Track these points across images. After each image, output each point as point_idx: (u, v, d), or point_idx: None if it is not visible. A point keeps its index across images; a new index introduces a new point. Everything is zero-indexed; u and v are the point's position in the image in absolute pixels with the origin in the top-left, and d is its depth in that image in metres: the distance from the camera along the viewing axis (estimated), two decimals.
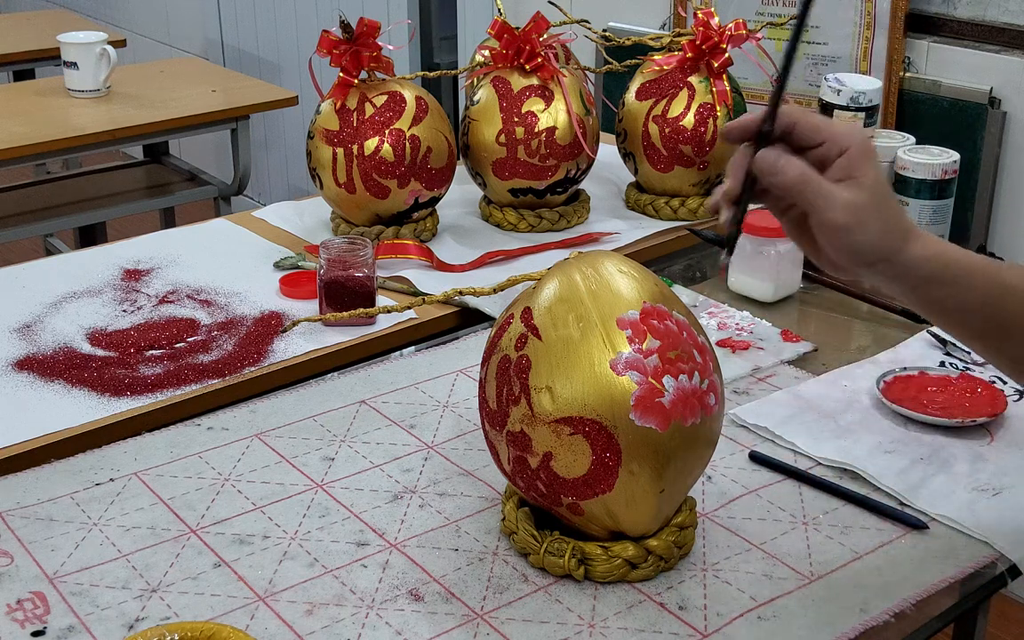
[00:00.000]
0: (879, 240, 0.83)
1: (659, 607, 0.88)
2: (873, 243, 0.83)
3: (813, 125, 0.84)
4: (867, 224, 0.82)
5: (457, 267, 1.48)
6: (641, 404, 0.84)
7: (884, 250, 0.83)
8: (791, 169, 0.82)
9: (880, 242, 0.83)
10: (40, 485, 1.02)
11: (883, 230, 0.83)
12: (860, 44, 2.26)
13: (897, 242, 0.83)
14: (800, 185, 0.82)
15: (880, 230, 0.82)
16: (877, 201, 0.82)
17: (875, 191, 0.83)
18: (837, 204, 0.82)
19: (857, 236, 0.82)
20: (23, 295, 1.40)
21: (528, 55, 1.56)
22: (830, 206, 0.82)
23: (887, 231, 0.83)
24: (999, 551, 0.95)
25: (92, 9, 4.81)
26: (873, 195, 0.82)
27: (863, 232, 0.82)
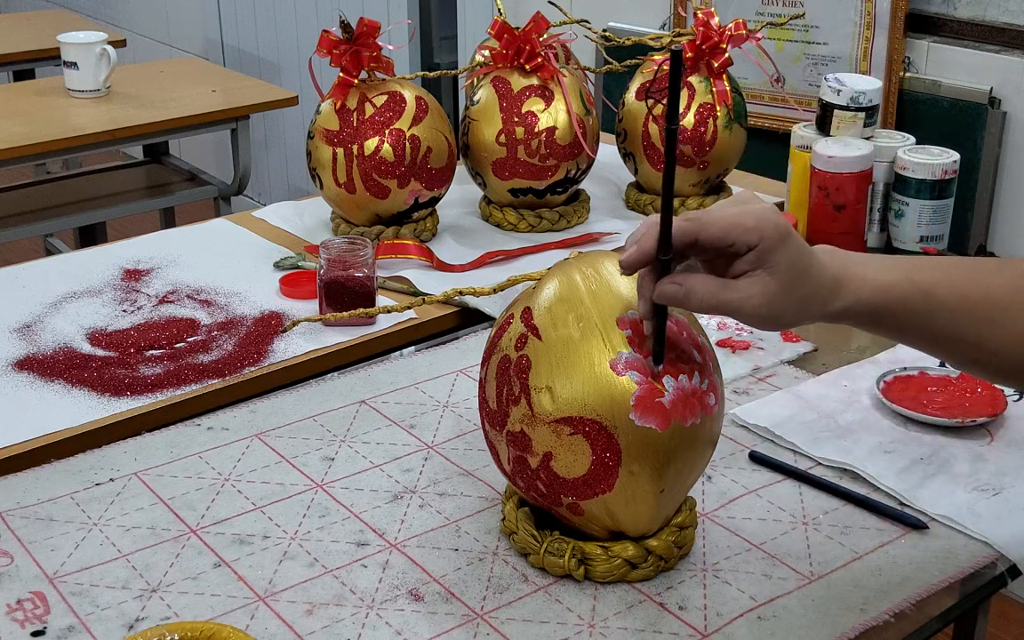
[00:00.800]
0: (800, 315, 0.85)
1: (659, 607, 0.88)
2: (796, 318, 0.85)
3: (717, 234, 0.82)
4: (783, 308, 0.83)
5: (457, 267, 1.48)
6: (641, 404, 0.84)
7: (809, 318, 0.86)
8: (695, 298, 0.82)
9: (802, 315, 0.85)
10: (40, 485, 1.02)
11: (801, 306, 0.84)
12: (860, 44, 2.26)
13: (818, 307, 0.85)
14: (711, 309, 0.83)
15: (797, 307, 0.84)
16: (789, 283, 0.83)
17: (786, 274, 0.82)
18: (748, 307, 0.82)
19: (779, 321, 0.85)
20: (23, 295, 1.40)
21: (528, 55, 1.56)
22: (744, 311, 0.83)
23: (805, 304, 0.84)
24: (999, 551, 0.95)
25: (92, 9, 4.81)
26: (783, 279, 0.82)
27: (782, 316, 0.84)
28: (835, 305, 0.86)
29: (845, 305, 0.86)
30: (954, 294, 0.87)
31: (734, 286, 0.83)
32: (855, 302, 0.86)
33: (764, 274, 0.82)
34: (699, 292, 0.82)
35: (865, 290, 0.86)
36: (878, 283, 0.86)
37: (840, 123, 1.57)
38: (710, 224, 0.82)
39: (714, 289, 0.82)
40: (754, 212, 0.82)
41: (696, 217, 0.82)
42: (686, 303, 0.83)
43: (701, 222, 0.82)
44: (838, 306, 0.86)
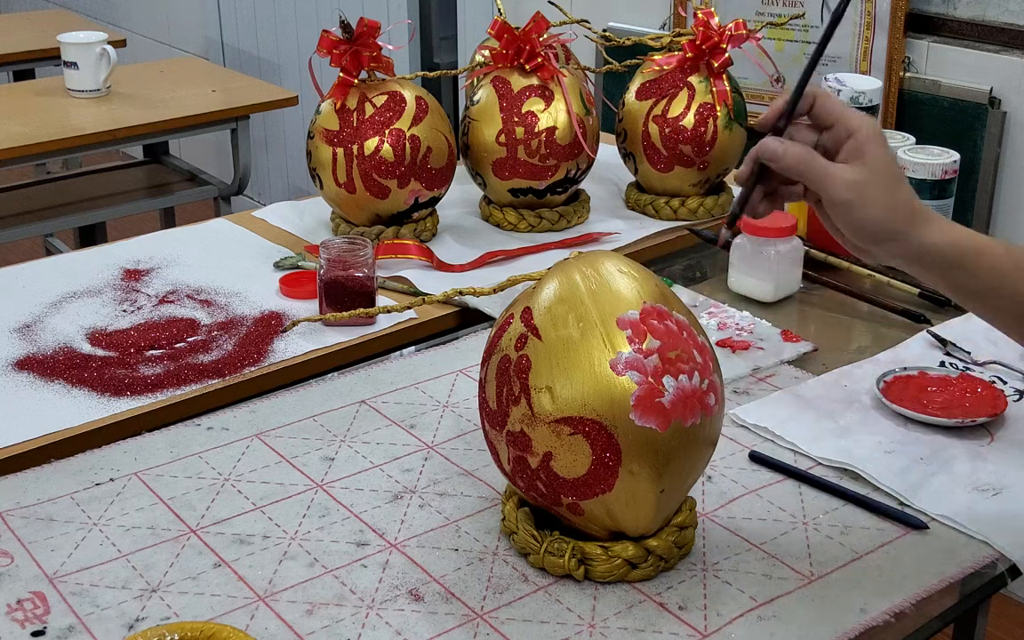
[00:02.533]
0: (883, 217, 0.85)
1: (659, 607, 0.88)
2: (877, 219, 0.85)
3: (827, 107, 0.87)
4: (870, 201, 0.84)
5: (457, 267, 1.48)
6: (641, 404, 0.84)
7: (890, 229, 0.85)
8: (791, 154, 0.86)
9: (884, 220, 0.85)
10: (40, 485, 1.02)
11: (887, 207, 0.85)
12: (860, 44, 2.26)
13: (903, 223, 0.85)
14: (800, 166, 0.86)
15: (884, 207, 0.84)
16: (881, 180, 0.84)
17: (880, 171, 0.85)
18: (838, 182, 0.85)
19: (859, 213, 0.85)
20: (23, 295, 1.40)
21: (528, 55, 1.56)
22: (831, 184, 0.85)
23: (892, 209, 0.85)
24: (999, 551, 0.95)
25: (92, 9, 4.81)
26: (877, 174, 0.84)
27: (865, 209, 0.84)
28: (921, 233, 0.86)
29: (933, 239, 0.86)
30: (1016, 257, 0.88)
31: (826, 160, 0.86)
32: (943, 240, 0.86)
33: (858, 163, 0.85)
34: (797, 148, 0.86)
35: (954, 232, 0.86)
36: (967, 232, 0.87)
37: None
38: (828, 96, 0.87)
39: (810, 153, 0.86)
40: (855, 111, 0.87)
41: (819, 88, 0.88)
42: (783, 157, 0.86)
43: (825, 91, 0.87)
44: (925, 236, 0.86)
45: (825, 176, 0.85)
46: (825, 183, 0.85)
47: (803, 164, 0.86)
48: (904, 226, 0.86)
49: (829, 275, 1.47)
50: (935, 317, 1.35)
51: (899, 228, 0.86)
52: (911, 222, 0.86)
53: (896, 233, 0.86)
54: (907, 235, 0.86)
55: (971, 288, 0.89)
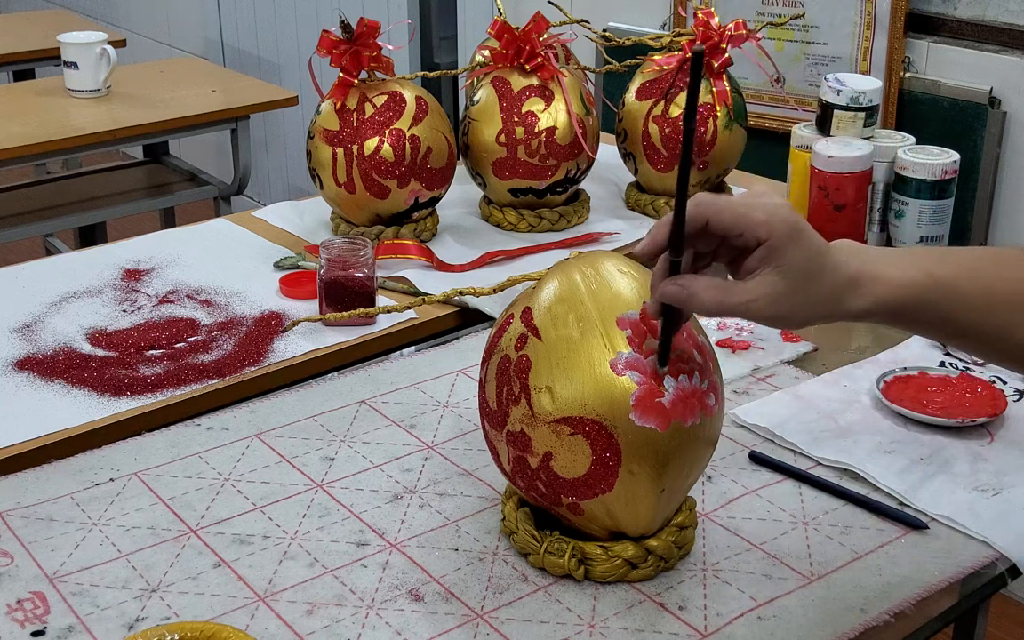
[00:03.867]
0: (812, 315, 0.83)
1: (659, 607, 0.88)
2: (807, 318, 0.83)
3: (728, 221, 0.81)
4: (792, 309, 0.82)
5: (457, 267, 1.48)
6: (641, 404, 0.84)
7: (822, 318, 0.84)
8: (697, 301, 0.81)
9: (814, 315, 0.83)
10: (40, 485, 1.02)
11: (812, 307, 0.82)
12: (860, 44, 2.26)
13: (832, 307, 0.83)
14: (716, 311, 0.82)
15: (808, 308, 0.82)
16: (799, 283, 0.81)
17: (796, 276, 0.81)
18: (754, 309, 0.81)
19: (788, 322, 0.83)
20: (23, 295, 1.40)
21: (528, 55, 1.56)
22: (750, 313, 0.81)
23: (817, 306, 0.82)
24: (999, 551, 0.95)
25: (92, 9, 4.81)
26: (793, 279, 0.81)
27: (792, 317, 0.82)
28: (852, 306, 0.83)
29: (863, 306, 0.84)
30: (977, 287, 0.85)
31: (739, 288, 0.81)
32: (873, 304, 0.84)
33: (772, 273, 0.80)
34: (702, 295, 0.80)
35: (885, 290, 0.84)
36: (899, 281, 0.84)
37: (840, 123, 1.57)
38: (721, 211, 0.80)
39: (718, 293, 0.81)
40: (765, 206, 0.80)
41: (710, 201, 0.81)
42: (689, 305, 0.81)
43: (714, 207, 0.80)
44: (856, 307, 0.84)
45: (740, 309, 0.81)
46: (741, 314, 0.82)
47: (717, 306, 0.81)
48: (832, 309, 0.83)
49: None
50: None
51: (828, 313, 0.83)
52: (837, 303, 0.83)
53: (827, 318, 0.84)
54: (837, 315, 0.84)
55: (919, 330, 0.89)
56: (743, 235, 0.80)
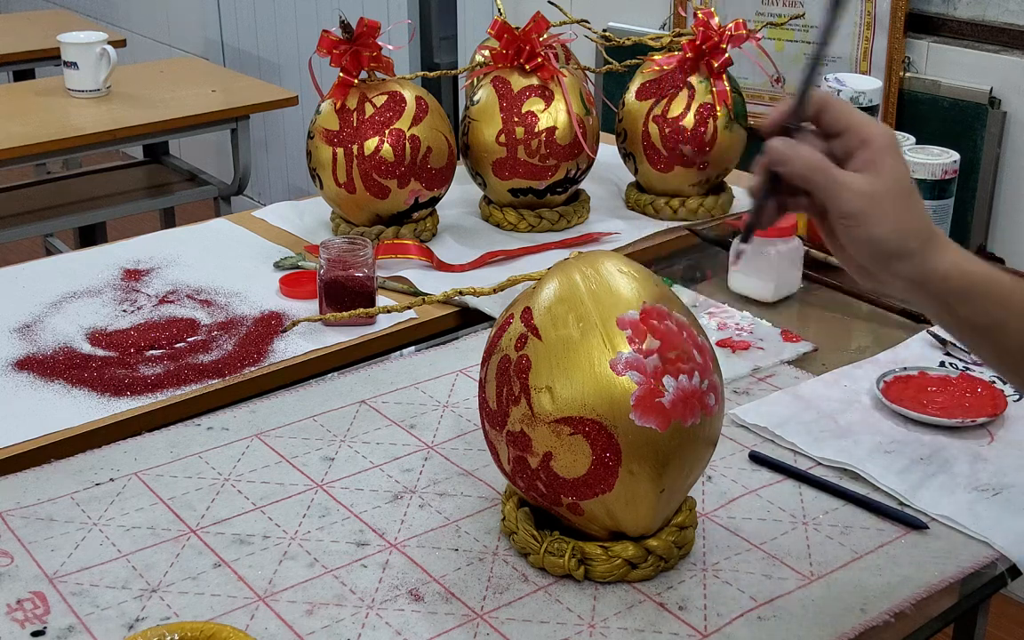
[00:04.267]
0: (895, 234, 0.79)
1: (659, 607, 0.88)
2: (888, 236, 0.79)
3: (838, 113, 0.81)
4: (882, 215, 0.78)
5: (457, 267, 1.48)
6: (641, 404, 0.84)
7: (901, 248, 0.79)
8: (800, 158, 0.80)
9: (897, 236, 0.79)
10: (40, 485, 1.02)
11: (900, 224, 0.79)
12: (860, 44, 2.26)
13: (916, 242, 0.79)
14: (809, 172, 0.80)
15: (897, 223, 0.79)
16: (896, 194, 0.79)
17: (895, 185, 0.79)
18: (849, 191, 0.79)
19: (872, 227, 0.79)
20: (23, 295, 1.40)
21: (528, 55, 1.56)
22: (842, 194, 0.79)
23: (905, 226, 0.79)
24: (999, 551, 0.95)
25: (92, 9, 4.81)
26: (892, 188, 0.79)
27: (878, 223, 0.78)
28: (935, 257, 0.80)
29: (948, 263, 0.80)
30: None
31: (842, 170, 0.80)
32: (952, 265, 0.80)
33: (872, 174, 0.79)
34: (807, 152, 0.80)
35: (967, 261, 0.80)
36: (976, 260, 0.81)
37: None
38: (833, 102, 0.82)
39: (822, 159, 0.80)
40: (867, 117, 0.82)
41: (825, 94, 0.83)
42: (791, 161, 0.80)
43: (828, 98, 0.82)
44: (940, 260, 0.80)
45: (836, 184, 0.79)
46: (835, 192, 0.79)
47: (813, 170, 0.79)
48: (917, 246, 0.79)
49: (829, 275, 1.46)
50: None
51: (911, 248, 0.79)
52: (924, 243, 0.80)
53: (907, 253, 0.79)
54: (918, 256, 0.80)
55: (976, 323, 0.82)
56: (848, 131, 0.81)
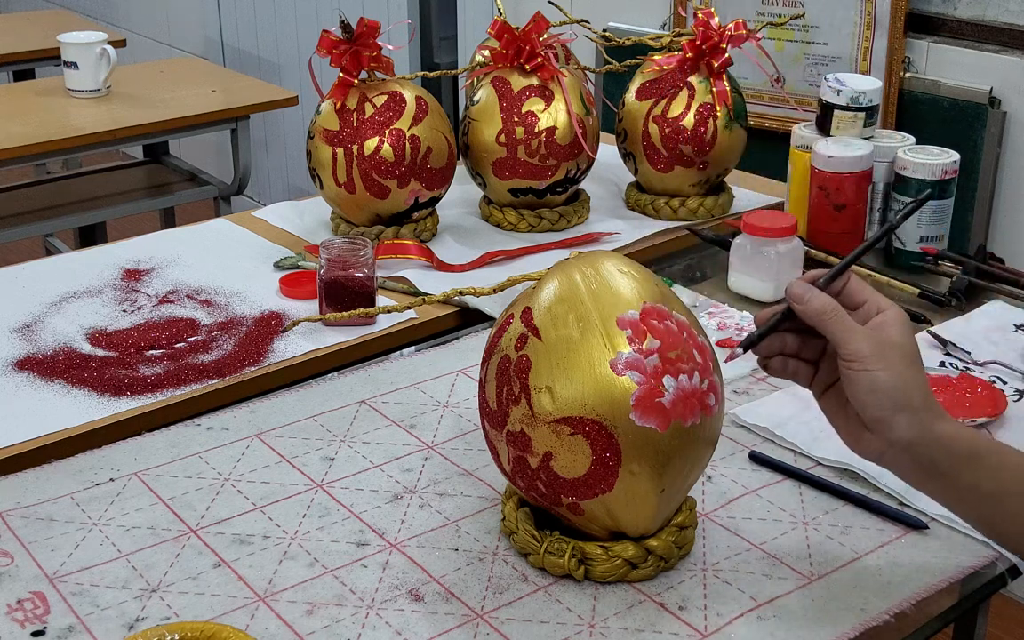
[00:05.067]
0: (900, 384, 0.83)
1: (659, 607, 0.88)
2: (894, 384, 0.83)
3: (859, 288, 0.88)
4: (889, 363, 0.83)
5: (457, 267, 1.48)
6: (641, 404, 0.84)
7: (905, 399, 0.83)
8: (818, 299, 0.86)
9: (901, 387, 0.83)
10: (40, 485, 1.02)
11: (907, 377, 0.83)
12: (860, 44, 2.26)
13: (919, 400, 0.84)
14: (825, 314, 0.85)
15: (902, 377, 0.83)
16: (902, 352, 0.84)
17: (902, 344, 0.84)
18: (860, 335, 0.84)
19: (879, 372, 0.83)
20: (23, 295, 1.40)
21: (528, 55, 1.56)
22: (853, 338, 0.84)
23: (909, 382, 0.84)
24: (999, 551, 0.95)
25: (92, 9, 4.82)
26: (898, 345, 0.84)
27: (886, 370, 0.83)
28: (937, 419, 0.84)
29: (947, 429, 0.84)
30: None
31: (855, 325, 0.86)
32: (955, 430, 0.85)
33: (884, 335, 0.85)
34: (823, 297, 0.86)
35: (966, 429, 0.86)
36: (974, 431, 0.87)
37: (840, 123, 1.57)
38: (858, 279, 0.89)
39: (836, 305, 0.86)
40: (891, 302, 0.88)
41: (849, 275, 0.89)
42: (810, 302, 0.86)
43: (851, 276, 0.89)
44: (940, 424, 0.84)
45: (847, 328, 0.84)
46: (846, 336, 0.84)
47: (829, 312, 0.85)
48: (920, 404, 0.84)
49: None
50: (935, 317, 1.35)
51: (916, 404, 0.84)
52: (926, 404, 0.84)
53: (911, 408, 0.83)
54: (922, 414, 0.84)
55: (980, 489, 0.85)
56: (867, 303, 0.87)
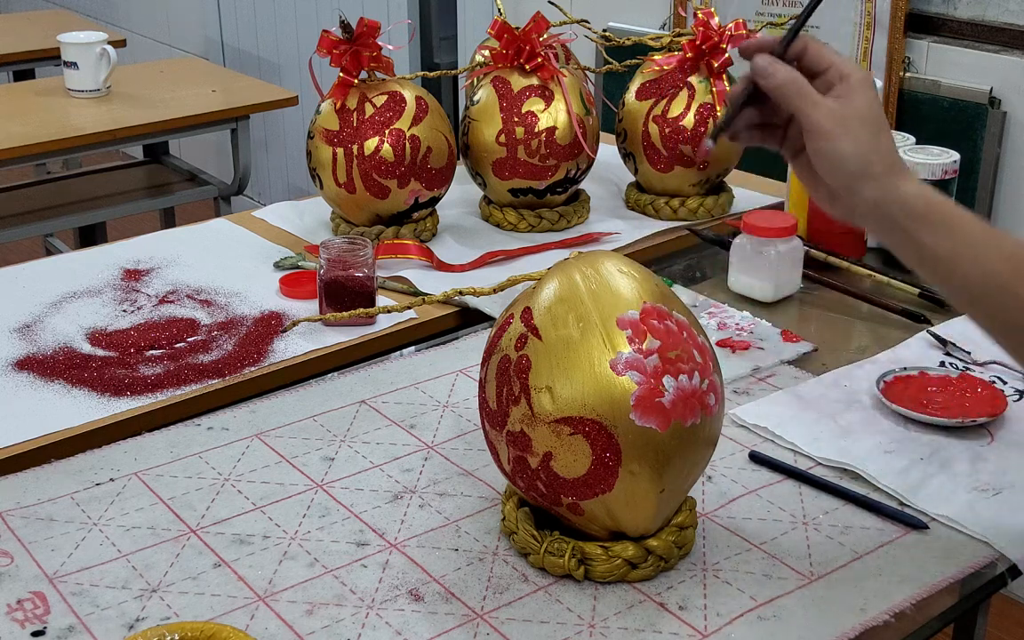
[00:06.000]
0: (862, 155, 0.85)
1: (659, 607, 0.88)
2: (857, 155, 0.85)
3: (820, 52, 0.89)
4: (852, 135, 0.85)
5: (457, 267, 1.48)
6: (641, 404, 0.84)
7: (867, 170, 0.85)
8: (781, 71, 0.87)
9: (863, 157, 0.85)
10: (40, 485, 1.02)
11: (868, 146, 0.85)
12: (860, 44, 2.26)
13: (882, 166, 0.85)
14: (788, 85, 0.86)
15: (865, 145, 0.85)
16: (866, 120, 0.85)
17: (866, 112, 0.86)
18: (823, 108, 0.86)
19: (840, 144, 0.85)
20: (23, 295, 1.40)
21: (528, 55, 1.56)
22: (816, 111, 0.86)
23: (872, 149, 0.85)
24: (999, 551, 0.95)
25: (92, 9, 4.82)
26: (863, 114, 0.85)
27: (846, 141, 0.85)
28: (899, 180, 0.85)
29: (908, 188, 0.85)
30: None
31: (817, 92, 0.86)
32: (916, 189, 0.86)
33: (846, 99, 0.85)
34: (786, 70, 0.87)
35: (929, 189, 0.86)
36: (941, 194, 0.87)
37: None
38: (820, 44, 0.89)
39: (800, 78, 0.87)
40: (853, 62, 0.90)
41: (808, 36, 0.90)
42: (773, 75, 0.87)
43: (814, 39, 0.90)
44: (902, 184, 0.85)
45: (809, 101, 0.86)
46: (809, 109, 0.86)
47: (791, 85, 0.86)
48: (882, 170, 0.85)
49: (829, 275, 1.46)
50: (935, 317, 1.35)
51: (877, 171, 0.85)
52: (888, 168, 0.86)
53: (871, 174, 0.85)
54: (883, 179, 0.85)
55: (937, 250, 0.86)
56: (830, 68, 0.87)
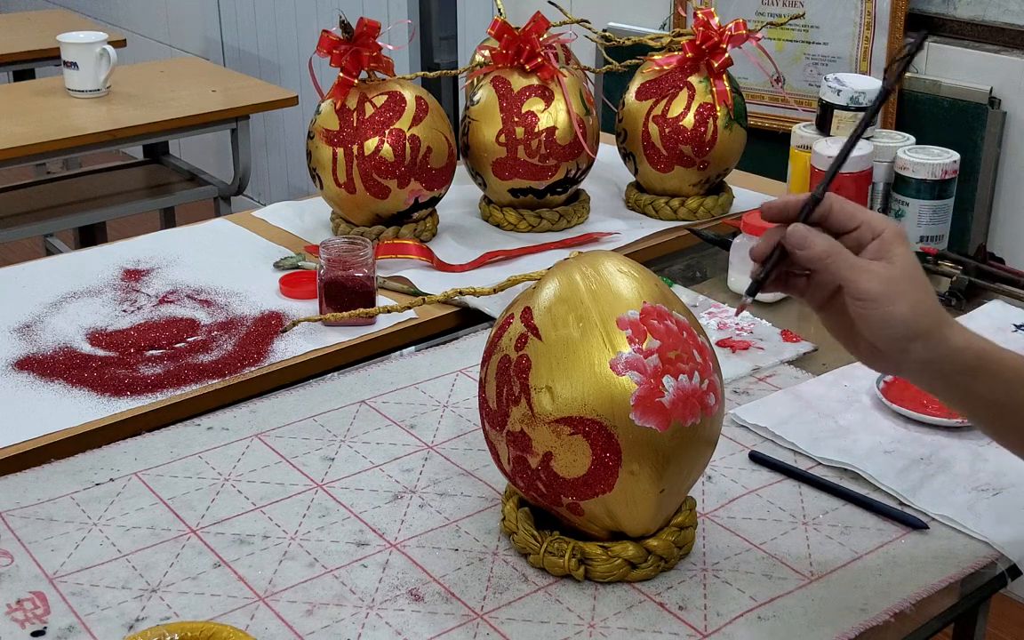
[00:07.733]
0: (912, 315, 0.83)
1: (659, 607, 0.88)
2: (907, 317, 0.83)
3: (848, 211, 0.85)
4: (900, 296, 0.82)
5: (457, 267, 1.48)
6: (641, 404, 0.84)
7: (918, 327, 0.83)
8: (820, 242, 0.84)
9: (914, 317, 0.83)
10: (40, 485, 1.02)
11: (916, 305, 0.83)
12: (860, 44, 2.26)
13: (931, 322, 0.84)
14: (828, 257, 0.84)
15: (914, 304, 0.83)
16: (910, 278, 0.83)
17: (909, 270, 0.83)
18: (871, 274, 0.83)
19: (890, 307, 0.82)
20: (23, 295, 1.40)
21: (528, 55, 1.56)
22: (862, 276, 0.83)
23: (921, 308, 0.83)
24: (999, 551, 0.95)
25: (92, 9, 4.81)
26: (905, 272, 0.83)
27: (896, 303, 0.82)
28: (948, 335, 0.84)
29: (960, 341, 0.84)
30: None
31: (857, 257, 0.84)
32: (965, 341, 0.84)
33: (887, 261, 0.83)
34: (824, 240, 0.84)
35: (976, 338, 0.85)
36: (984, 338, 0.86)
37: (840, 123, 1.57)
38: (845, 201, 0.86)
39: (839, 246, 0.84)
40: (878, 214, 0.86)
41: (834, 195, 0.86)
42: (811, 246, 0.84)
43: (839, 197, 0.86)
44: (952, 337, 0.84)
45: (854, 269, 0.83)
46: (854, 276, 0.83)
47: (833, 256, 0.84)
48: (932, 326, 0.84)
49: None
50: None
51: (928, 327, 0.83)
52: (938, 323, 0.84)
53: (923, 332, 0.83)
54: (934, 336, 0.84)
55: (987, 398, 0.86)
56: (860, 227, 0.85)
